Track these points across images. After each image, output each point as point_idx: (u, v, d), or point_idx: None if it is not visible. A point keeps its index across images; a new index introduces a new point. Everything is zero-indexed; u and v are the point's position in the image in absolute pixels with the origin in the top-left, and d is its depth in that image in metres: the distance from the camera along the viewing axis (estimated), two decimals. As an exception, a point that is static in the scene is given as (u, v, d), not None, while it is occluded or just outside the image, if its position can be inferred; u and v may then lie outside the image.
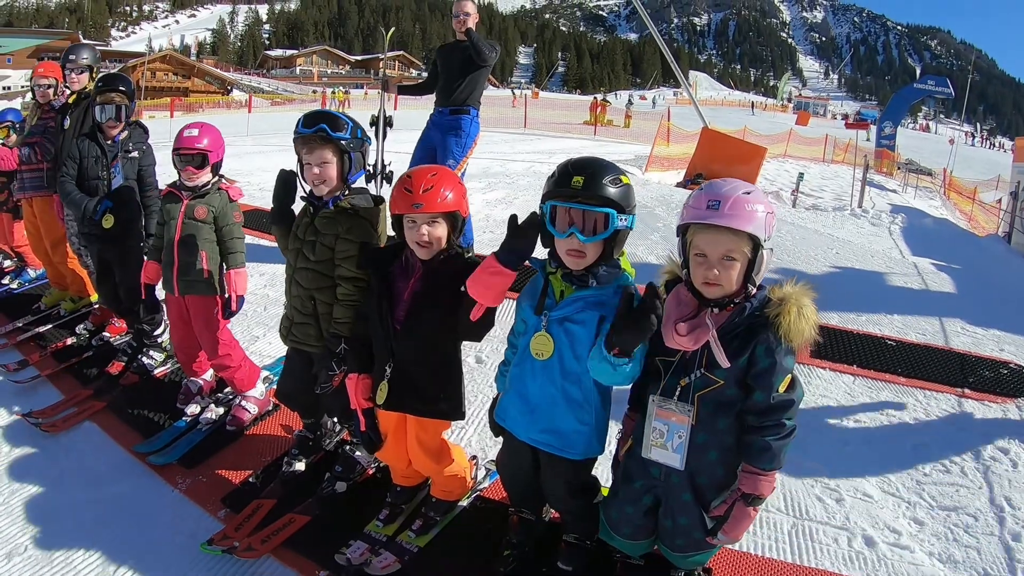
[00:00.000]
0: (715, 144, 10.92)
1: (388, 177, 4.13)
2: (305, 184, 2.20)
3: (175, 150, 2.66)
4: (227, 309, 2.71)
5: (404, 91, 5.21)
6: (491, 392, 2.25)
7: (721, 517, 1.62)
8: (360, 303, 2.12)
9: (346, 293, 2.15)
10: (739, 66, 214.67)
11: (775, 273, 4.01)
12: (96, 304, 3.77)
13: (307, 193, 2.22)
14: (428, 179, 1.88)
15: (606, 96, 44.80)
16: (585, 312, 1.66)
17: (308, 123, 2.12)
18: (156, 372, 3.18)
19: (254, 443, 2.67)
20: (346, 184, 2.20)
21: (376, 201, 2.25)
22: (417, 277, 1.95)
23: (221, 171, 2.80)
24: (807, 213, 8.83)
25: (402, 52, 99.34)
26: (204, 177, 2.71)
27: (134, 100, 3.30)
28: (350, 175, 2.19)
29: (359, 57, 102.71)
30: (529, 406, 1.76)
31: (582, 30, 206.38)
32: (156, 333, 3.29)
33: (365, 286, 2.11)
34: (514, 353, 1.87)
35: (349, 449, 2.41)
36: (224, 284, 2.73)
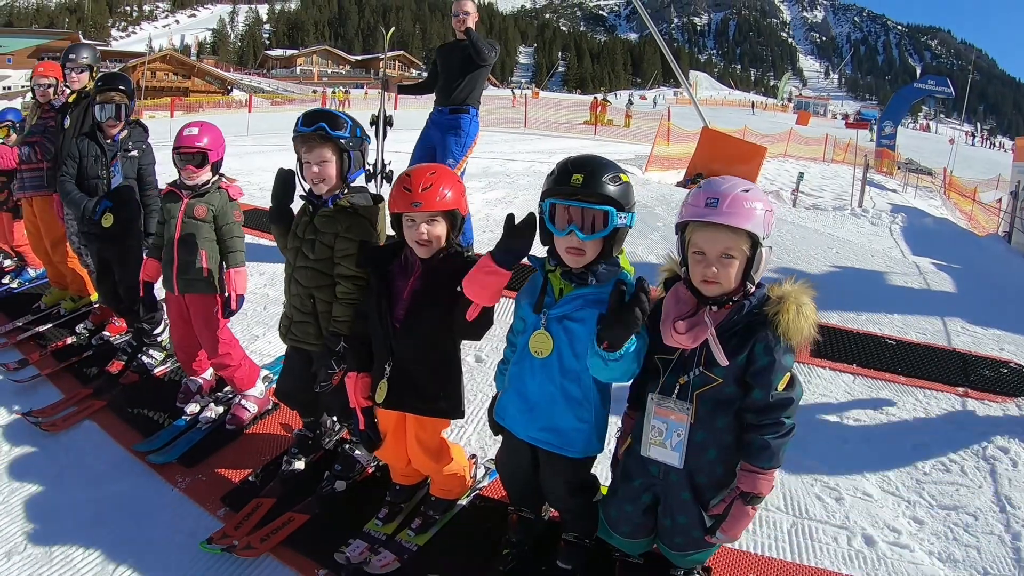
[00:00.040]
0: (715, 144, 10.91)
1: (388, 176, 4.13)
2: (304, 183, 2.20)
3: (175, 149, 2.66)
4: (227, 308, 2.71)
5: (404, 91, 5.21)
6: (491, 391, 2.25)
7: (720, 516, 1.62)
8: (359, 302, 2.12)
9: (345, 291, 2.15)
10: (739, 66, 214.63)
11: (775, 272, 4.02)
12: (96, 303, 3.77)
13: (306, 192, 2.22)
14: (427, 178, 1.88)
15: (606, 96, 44.77)
16: (584, 310, 1.66)
17: (307, 122, 2.12)
18: (156, 371, 3.18)
19: (253, 442, 2.67)
20: (345, 183, 2.20)
21: (375, 200, 2.25)
22: (416, 276, 1.95)
23: (221, 170, 2.80)
24: (807, 213, 8.83)
25: (402, 52, 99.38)
26: (204, 176, 2.71)
27: (134, 99, 3.30)
28: (349, 174, 2.19)
29: (359, 57, 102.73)
30: (528, 404, 1.76)
31: (582, 30, 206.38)
32: (156, 332, 3.30)
33: (364, 284, 2.11)
34: (513, 352, 1.87)
35: (348, 448, 2.41)
36: (224, 283, 2.73)
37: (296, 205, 2.29)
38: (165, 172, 3.01)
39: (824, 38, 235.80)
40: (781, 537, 2.18)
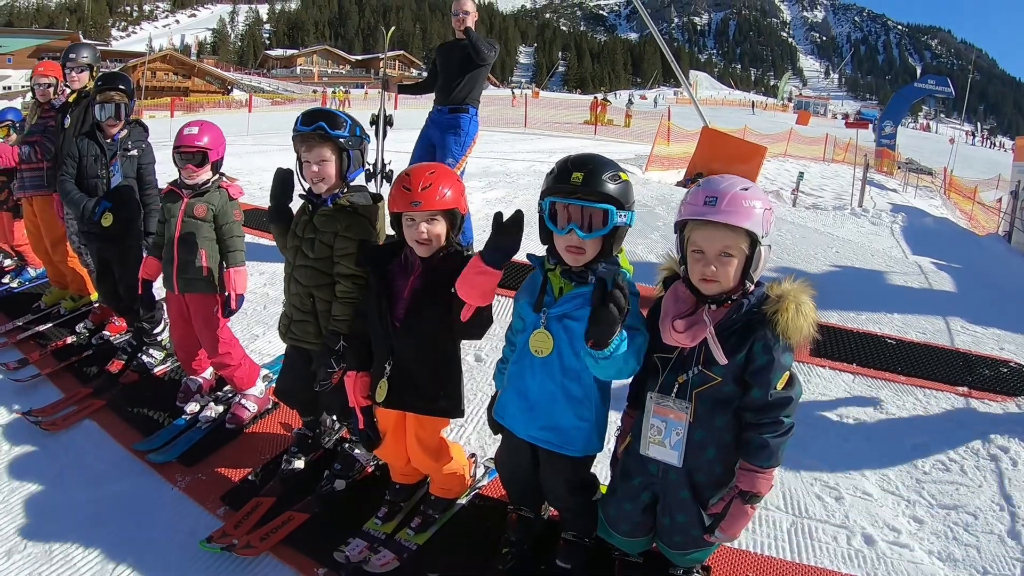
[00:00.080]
0: (715, 143, 10.90)
1: (388, 176, 4.14)
2: (304, 182, 2.21)
3: (175, 148, 2.66)
4: (227, 308, 2.71)
5: (404, 90, 5.21)
6: (490, 390, 2.26)
7: (719, 514, 1.62)
8: (359, 300, 2.12)
9: (345, 290, 2.15)
10: (739, 66, 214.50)
11: (775, 272, 4.01)
12: (96, 303, 3.77)
13: (306, 191, 2.22)
14: (426, 177, 1.88)
15: (606, 96, 44.74)
16: (584, 308, 1.64)
17: (307, 121, 2.12)
18: (156, 370, 3.18)
19: (253, 441, 2.67)
20: (345, 182, 2.21)
21: (374, 199, 2.25)
22: (416, 275, 1.95)
23: (222, 169, 2.80)
24: (807, 212, 8.82)
25: (402, 52, 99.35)
26: (204, 175, 2.71)
27: (133, 99, 3.30)
28: (348, 173, 2.19)
29: (359, 57, 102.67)
30: (528, 403, 1.76)
31: (582, 30, 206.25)
32: (156, 331, 3.30)
33: (364, 283, 2.11)
34: (512, 351, 1.87)
35: (348, 447, 2.41)
36: (224, 282, 2.73)
37: (295, 204, 2.29)
38: (165, 171, 3.01)
39: (824, 38, 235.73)
40: (781, 536, 2.18)
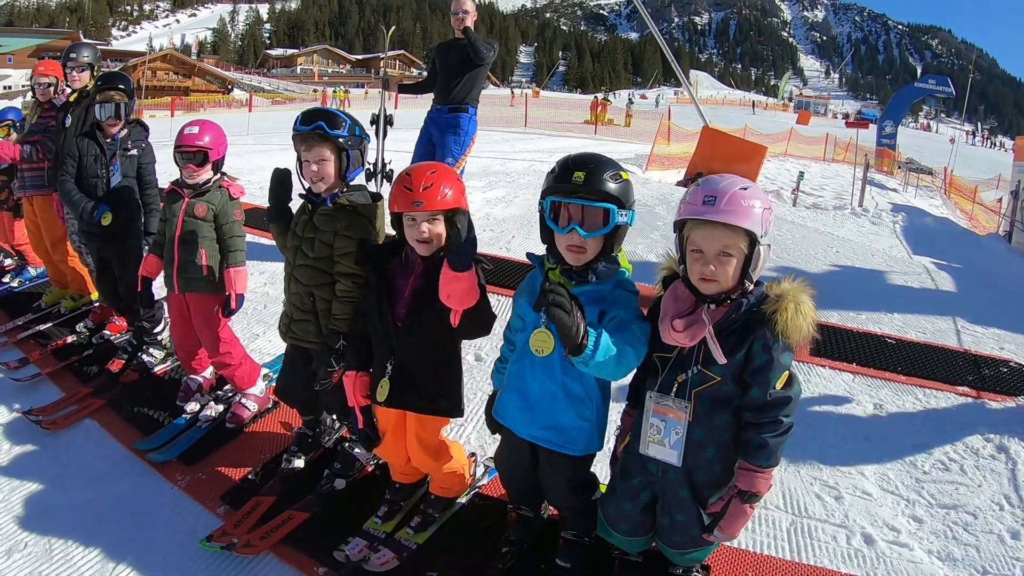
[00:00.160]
0: (715, 143, 10.88)
1: (388, 176, 4.14)
2: (304, 181, 2.21)
3: (176, 148, 2.67)
4: (227, 308, 2.71)
5: (404, 90, 5.22)
6: (490, 389, 2.25)
7: (718, 514, 1.62)
8: (359, 299, 2.12)
9: (344, 289, 2.15)
10: (740, 65, 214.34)
11: (775, 271, 4.01)
12: (96, 302, 3.78)
13: (305, 190, 2.22)
14: (428, 177, 1.87)
15: (607, 95, 44.71)
16: (586, 307, 1.64)
17: (306, 120, 2.12)
18: (156, 370, 3.19)
19: (253, 440, 2.67)
20: (344, 181, 2.21)
21: (374, 198, 2.26)
22: (417, 274, 1.95)
23: (223, 169, 2.80)
24: (807, 212, 8.82)
25: (403, 51, 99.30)
26: (205, 175, 2.72)
27: (133, 98, 3.30)
28: (348, 173, 2.20)
29: (360, 56, 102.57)
30: (528, 403, 1.77)
31: (583, 29, 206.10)
32: (156, 330, 3.30)
33: (363, 283, 2.11)
34: (511, 350, 1.87)
35: (348, 446, 2.41)
36: (225, 282, 2.73)
37: (295, 204, 2.29)
38: (166, 171, 3.01)
39: (825, 37, 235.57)
40: (780, 536, 2.18)
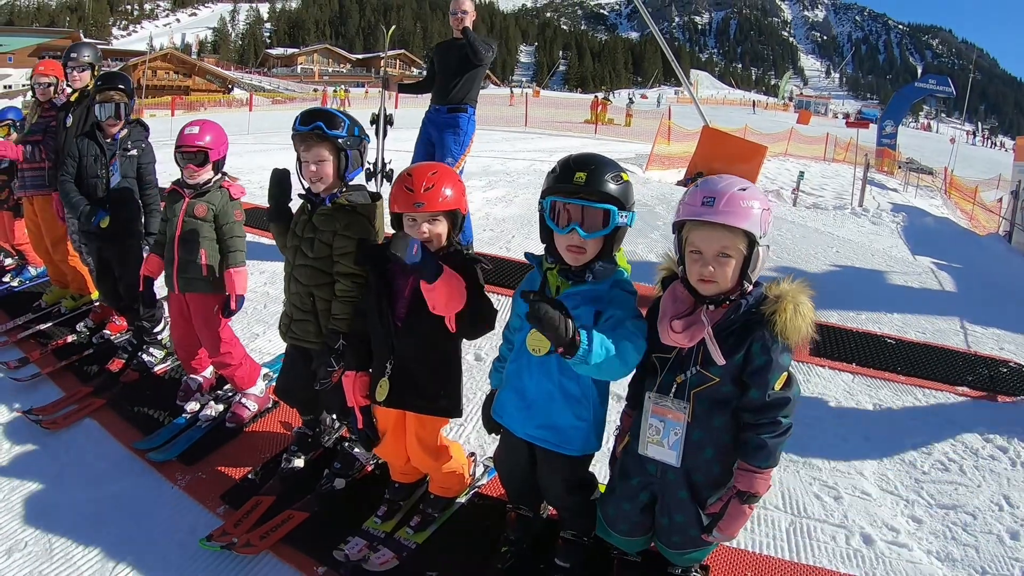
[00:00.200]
0: (716, 143, 10.88)
1: (388, 175, 4.14)
2: (303, 181, 2.21)
3: (177, 148, 2.67)
4: (226, 308, 2.71)
5: (404, 89, 5.21)
6: (490, 389, 2.25)
7: (717, 514, 1.62)
8: (358, 299, 2.12)
9: (344, 289, 2.15)
10: (740, 65, 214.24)
11: (775, 271, 4.01)
12: (96, 302, 3.78)
13: (305, 190, 2.22)
14: (429, 178, 1.87)
15: (607, 95, 44.66)
16: (581, 307, 1.65)
17: (305, 121, 2.12)
18: (156, 369, 3.19)
19: (253, 440, 2.67)
20: (343, 181, 2.21)
21: (373, 197, 2.26)
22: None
23: (224, 168, 2.80)
24: (808, 212, 8.83)
25: (403, 51, 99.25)
26: (205, 175, 2.72)
27: (133, 98, 3.30)
28: (347, 173, 2.20)
29: (360, 56, 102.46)
30: (526, 402, 1.77)
31: (583, 29, 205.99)
32: (156, 330, 3.30)
33: (363, 282, 2.11)
34: (510, 349, 1.87)
35: (348, 446, 2.42)
36: (225, 282, 2.73)
37: (295, 204, 2.29)
38: (167, 171, 3.02)
39: (825, 37, 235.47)
40: (779, 536, 2.18)
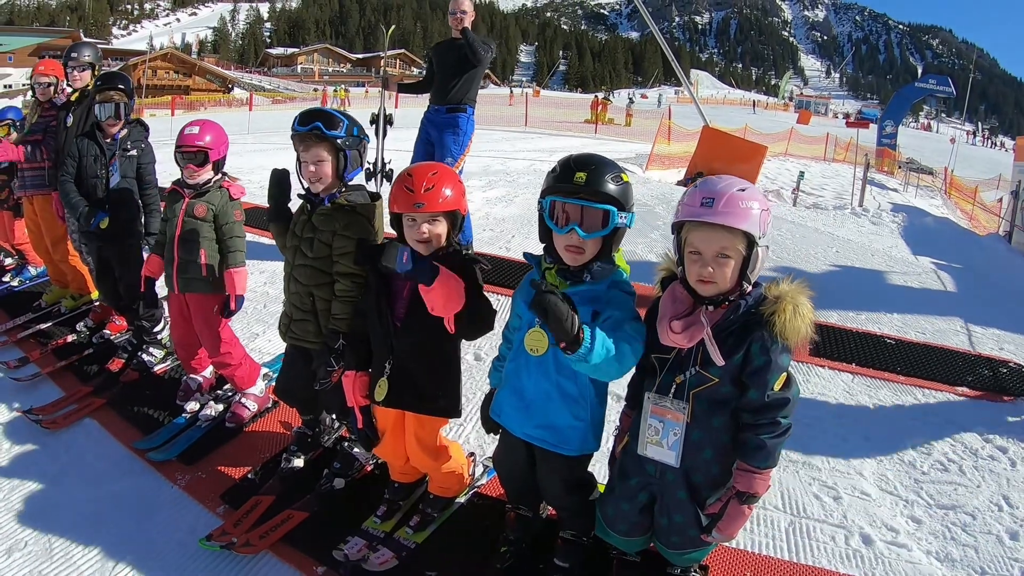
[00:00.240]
0: (716, 142, 10.88)
1: (388, 175, 4.14)
2: (303, 181, 2.21)
3: (177, 147, 2.67)
4: (226, 308, 2.71)
5: (404, 89, 5.21)
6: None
7: (716, 515, 1.62)
8: (358, 299, 2.13)
9: (344, 289, 2.16)
10: (740, 65, 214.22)
11: (775, 271, 4.01)
12: (96, 301, 3.78)
13: (304, 190, 2.23)
14: (429, 178, 1.87)
15: (607, 95, 44.64)
16: (579, 307, 1.64)
17: (304, 121, 2.12)
18: (156, 369, 3.19)
19: (253, 440, 2.67)
20: (342, 181, 2.21)
21: (372, 197, 2.26)
22: (417, 274, 1.95)
23: (224, 168, 2.80)
24: (808, 212, 8.83)
25: (403, 50, 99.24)
26: (205, 175, 2.72)
27: (133, 98, 3.30)
28: (346, 173, 2.20)
29: (360, 55, 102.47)
30: (524, 402, 1.77)
31: (583, 28, 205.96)
32: (156, 330, 3.30)
33: (362, 282, 2.11)
34: (509, 348, 1.87)
35: (347, 446, 2.42)
36: (225, 282, 2.73)
37: (295, 204, 2.29)
38: (167, 171, 3.02)
39: (825, 37, 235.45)
40: (779, 536, 2.18)
